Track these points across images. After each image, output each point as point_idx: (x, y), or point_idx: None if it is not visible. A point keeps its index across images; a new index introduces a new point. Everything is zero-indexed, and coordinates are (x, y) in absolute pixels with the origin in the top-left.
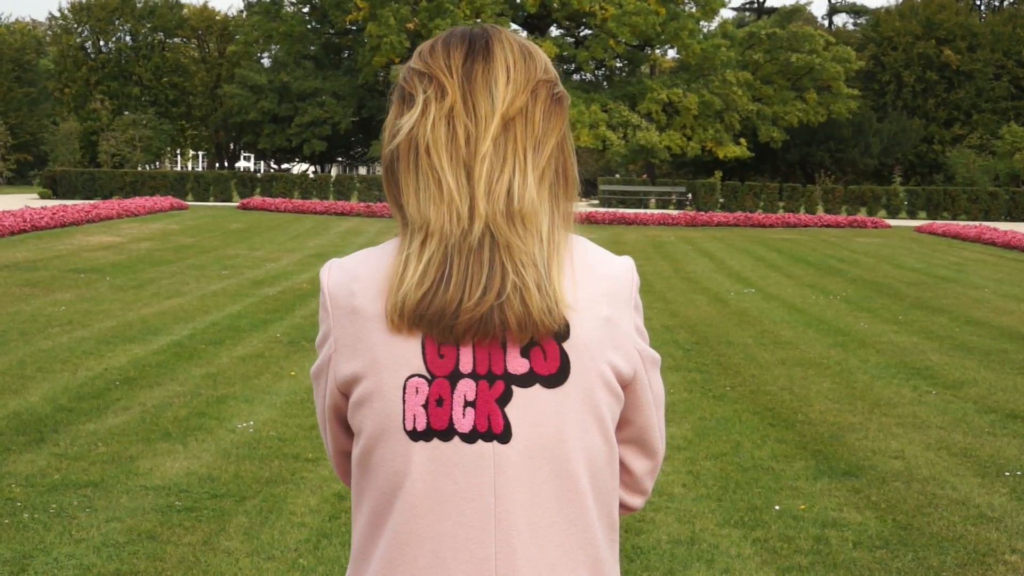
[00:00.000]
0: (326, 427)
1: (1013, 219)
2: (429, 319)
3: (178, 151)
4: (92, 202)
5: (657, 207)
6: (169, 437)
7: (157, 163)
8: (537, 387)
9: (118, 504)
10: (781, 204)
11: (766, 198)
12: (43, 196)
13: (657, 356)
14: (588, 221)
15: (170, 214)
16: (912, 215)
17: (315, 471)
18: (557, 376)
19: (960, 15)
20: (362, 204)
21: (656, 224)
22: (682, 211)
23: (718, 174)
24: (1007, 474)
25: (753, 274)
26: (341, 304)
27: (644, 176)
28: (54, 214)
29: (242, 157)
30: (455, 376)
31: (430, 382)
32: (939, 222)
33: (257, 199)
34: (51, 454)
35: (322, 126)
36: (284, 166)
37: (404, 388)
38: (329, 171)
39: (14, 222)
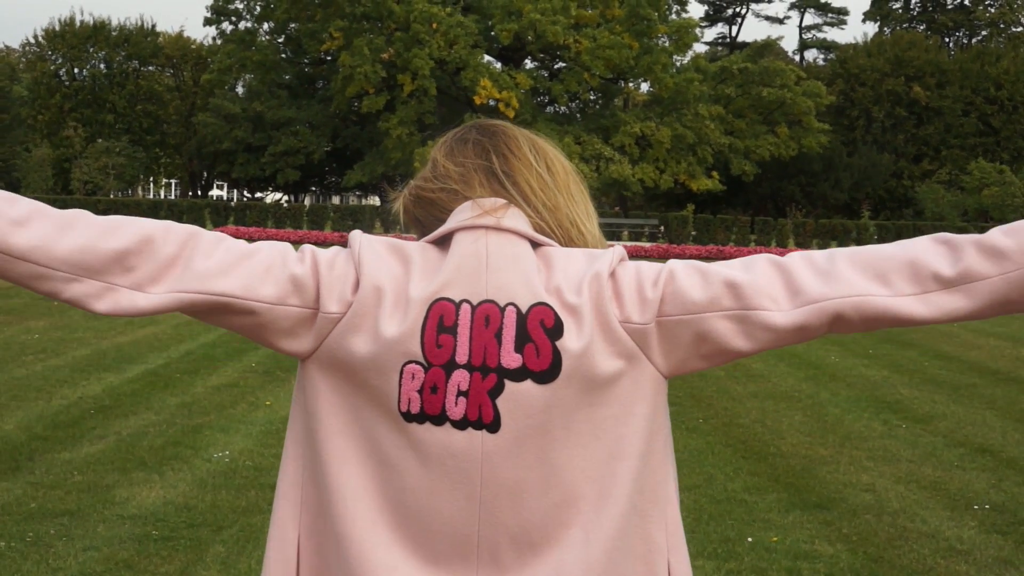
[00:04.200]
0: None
1: None
2: None
3: (151, 179)
4: None
5: (630, 239)
6: (145, 466)
7: (130, 191)
8: (529, 382)
9: (95, 533)
10: (753, 237)
11: (738, 231)
12: None
13: (669, 265)
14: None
15: None
16: None
17: None
18: (549, 372)
19: (929, 52)
20: (336, 233)
21: (629, 256)
22: (654, 243)
23: (690, 207)
24: (976, 507)
25: None
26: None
27: (617, 208)
28: None
29: (216, 186)
30: (451, 366)
31: (426, 370)
32: None
33: (231, 228)
34: (27, 483)
35: (296, 155)
36: (258, 195)
37: (401, 373)
38: (303, 200)
39: None
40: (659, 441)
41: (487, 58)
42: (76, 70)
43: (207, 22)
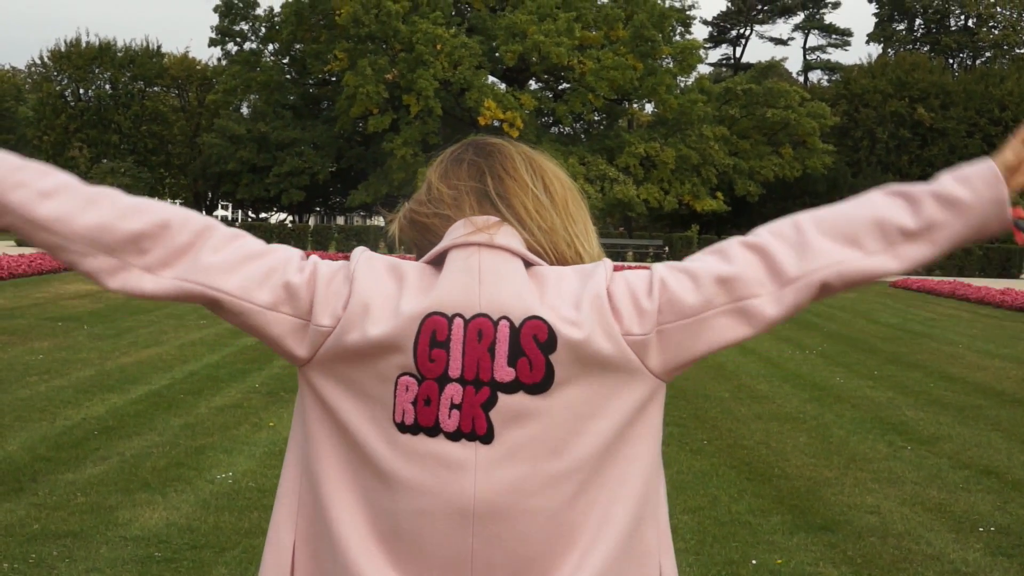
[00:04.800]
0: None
1: (986, 275)
2: None
3: (156, 199)
4: None
5: (634, 260)
6: (148, 487)
7: None
8: (521, 394)
9: (98, 555)
10: None
11: None
12: (20, 243)
13: (657, 272)
14: None
15: None
16: None
17: None
18: (541, 385)
19: (933, 73)
20: (340, 254)
21: None
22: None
23: (695, 227)
24: (980, 529)
25: None
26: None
27: (621, 229)
28: (31, 262)
29: (220, 206)
30: (443, 379)
31: (420, 382)
32: (913, 277)
33: None
34: (30, 504)
35: (300, 176)
36: (262, 215)
37: (396, 384)
38: (307, 221)
39: None
40: (655, 447)
41: (491, 79)
42: (81, 91)
43: (212, 43)
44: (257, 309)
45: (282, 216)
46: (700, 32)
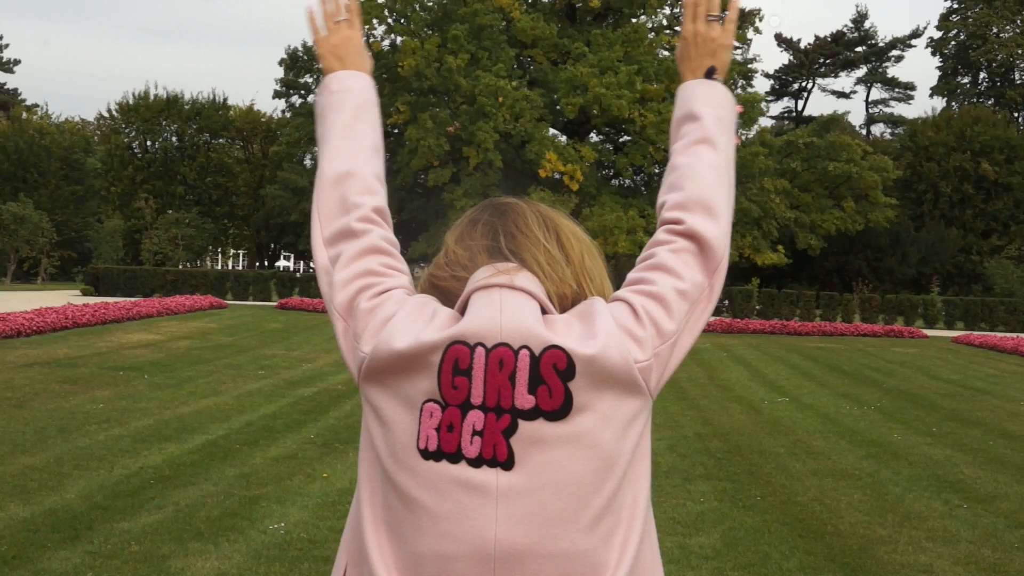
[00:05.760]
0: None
1: None
2: None
3: (219, 250)
4: (133, 299)
5: None
6: (201, 537)
7: (198, 261)
8: (540, 420)
9: None
10: (818, 312)
11: (803, 306)
12: (85, 293)
13: (634, 302)
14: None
15: (209, 313)
16: (950, 325)
17: None
18: (560, 411)
19: (997, 127)
20: None
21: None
22: (718, 317)
23: (755, 281)
24: None
25: (788, 383)
26: None
27: None
28: (95, 311)
29: (282, 256)
30: (466, 406)
31: (443, 409)
32: (976, 333)
33: (295, 299)
34: (85, 552)
35: None
36: None
37: (421, 410)
38: None
39: (56, 319)
40: (650, 465)
41: (552, 131)
42: (149, 142)
43: (276, 95)
44: (335, 314)
45: None
46: (762, 85)
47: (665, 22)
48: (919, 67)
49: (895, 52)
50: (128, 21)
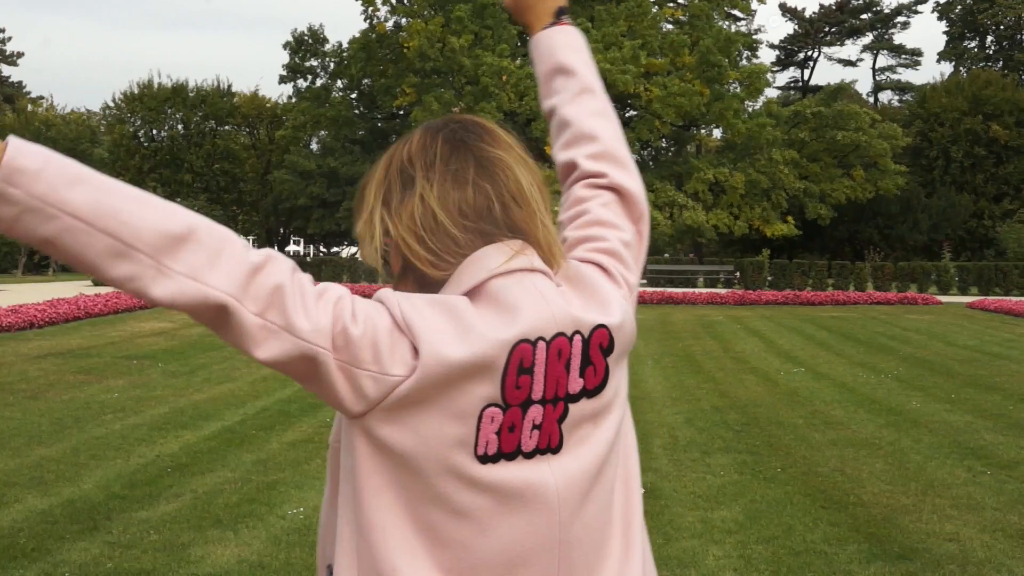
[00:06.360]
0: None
1: None
2: None
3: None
4: None
5: (705, 286)
6: (220, 524)
7: None
8: (583, 400)
9: None
10: (830, 282)
11: (815, 276)
12: (96, 283)
13: (602, 261)
14: (638, 301)
15: None
16: (963, 291)
17: None
18: (600, 386)
19: (1007, 90)
20: None
21: (704, 303)
22: (730, 290)
23: (766, 252)
24: None
25: (803, 353)
26: None
27: (691, 255)
28: (107, 301)
29: (292, 241)
30: (527, 404)
31: (504, 411)
32: (991, 298)
33: None
34: (104, 542)
35: None
36: (334, 249)
37: (480, 417)
38: None
39: (68, 309)
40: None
41: None
42: (154, 131)
43: (282, 80)
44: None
45: (353, 250)
46: (767, 56)
47: None
48: (925, 33)
49: (901, 18)
50: (131, 10)
